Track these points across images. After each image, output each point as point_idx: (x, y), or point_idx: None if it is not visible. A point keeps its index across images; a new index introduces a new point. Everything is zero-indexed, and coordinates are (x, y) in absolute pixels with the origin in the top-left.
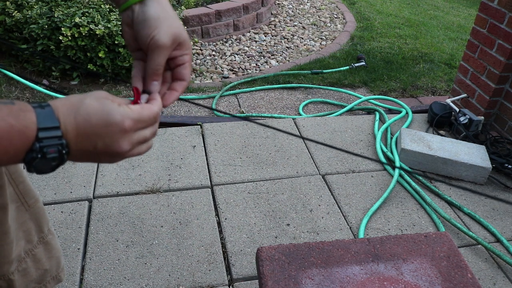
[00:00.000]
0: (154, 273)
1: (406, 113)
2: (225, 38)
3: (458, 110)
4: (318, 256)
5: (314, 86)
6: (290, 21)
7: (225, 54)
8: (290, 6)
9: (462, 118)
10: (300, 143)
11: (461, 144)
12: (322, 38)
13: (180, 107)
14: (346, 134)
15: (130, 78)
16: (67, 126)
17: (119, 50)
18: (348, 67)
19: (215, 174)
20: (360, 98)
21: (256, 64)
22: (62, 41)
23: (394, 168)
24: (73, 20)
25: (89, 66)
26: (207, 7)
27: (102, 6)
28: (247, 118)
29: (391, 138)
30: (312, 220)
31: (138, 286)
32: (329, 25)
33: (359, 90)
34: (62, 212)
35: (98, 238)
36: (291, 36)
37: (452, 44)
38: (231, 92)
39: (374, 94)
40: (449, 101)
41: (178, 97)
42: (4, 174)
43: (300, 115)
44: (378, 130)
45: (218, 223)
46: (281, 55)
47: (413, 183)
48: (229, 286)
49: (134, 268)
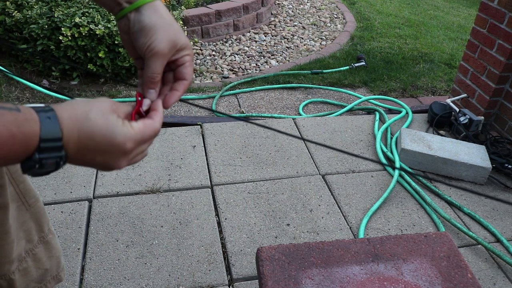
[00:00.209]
0: (154, 273)
1: (406, 113)
2: (225, 38)
3: (458, 110)
4: (318, 256)
5: (314, 86)
6: (290, 21)
7: (225, 54)
8: (290, 6)
9: (462, 118)
10: (300, 143)
11: (461, 144)
12: (322, 38)
13: (180, 107)
14: (346, 134)
15: (130, 78)
16: (70, 140)
17: (119, 50)
18: (348, 67)
19: (215, 174)
20: (360, 98)
21: (256, 64)
22: (62, 41)
23: (394, 168)
24: (73, 20)
25: (89, 66)
26: (207, 7)
27: None
28: (247, 119)
29: (391, 138)
30: (312, 220)
31: (138, 286)
32: (329, 25)
33: (359, 90)
34: (62, 212)
35: (98, 238)
36: (291, 36)
37: (452, 44)
38: (231, 92)
39: (374, 94)
40: (449, 101)
41: (180, 97)
42: (5, 173)
43: (300, 115)
44: (378, 130)
45: (218, 223)
46: (281, 55)
47: (413, 183)
48: (229, 286)
49: (134, 268)
